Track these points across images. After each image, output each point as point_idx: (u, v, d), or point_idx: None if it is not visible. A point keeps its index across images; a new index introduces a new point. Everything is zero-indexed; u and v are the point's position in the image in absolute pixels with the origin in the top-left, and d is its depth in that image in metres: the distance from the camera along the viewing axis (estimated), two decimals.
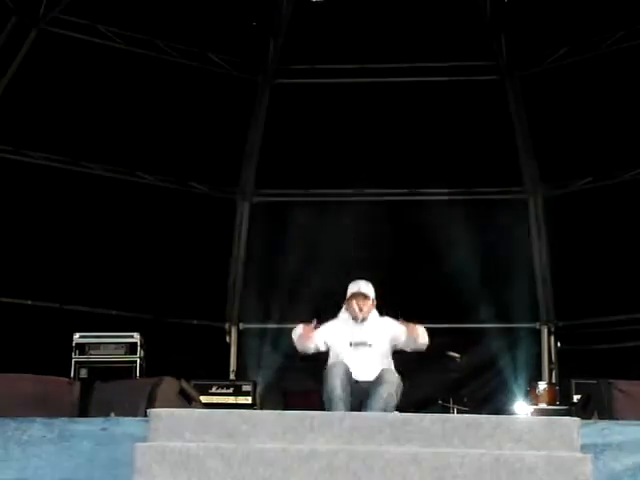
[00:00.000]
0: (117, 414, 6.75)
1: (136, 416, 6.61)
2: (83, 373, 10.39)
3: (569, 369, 12.68)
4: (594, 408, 7.44)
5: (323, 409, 7.07)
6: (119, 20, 12.51)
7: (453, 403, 11.00)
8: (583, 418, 6.91)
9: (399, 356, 12.97)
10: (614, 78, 12.42)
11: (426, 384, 12.51)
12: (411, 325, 7.63)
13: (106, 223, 12.74)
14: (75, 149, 12.61)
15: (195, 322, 13.45)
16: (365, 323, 7.68)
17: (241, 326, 13.84)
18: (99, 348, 10.67)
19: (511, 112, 13.41)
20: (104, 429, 5.57)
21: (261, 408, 11.63)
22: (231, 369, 13.55)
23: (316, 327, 7.58)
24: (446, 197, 13.79)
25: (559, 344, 13.40)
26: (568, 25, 12.53)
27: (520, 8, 12.22)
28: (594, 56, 12.54)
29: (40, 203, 12.51)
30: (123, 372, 10.38)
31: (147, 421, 5.35)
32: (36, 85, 12.18)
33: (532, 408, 10.97)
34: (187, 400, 7.81)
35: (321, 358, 12.90)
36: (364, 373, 7.41)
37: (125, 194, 13.03)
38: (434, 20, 12.44)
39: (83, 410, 7.77)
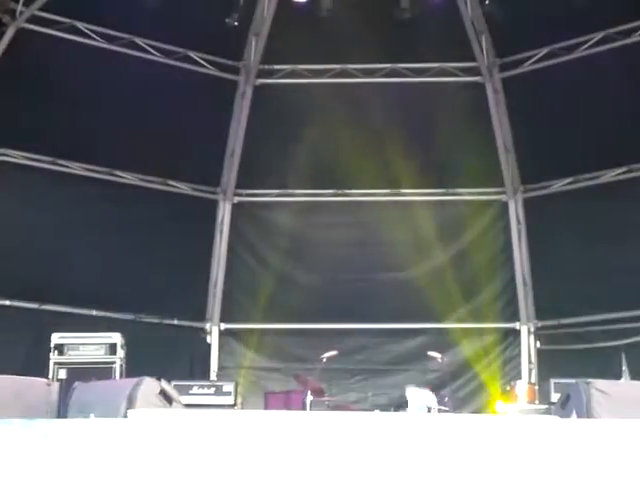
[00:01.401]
0: (97, 415, 6.72)
1: (116, 417, 6.59)
2: (62, 374, 10.30)
3: (548, 369, 12.74)
4: (573, 407, 7.48)
5: (303, 409, 7.09)
6: (99, 18, 12.44)
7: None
8: (562, 417, 6.97)
9: (385, 357, 13.14)
10: (593, 80, 12.48)
11: (407, 384, 12.52)
12: None
13: (86, 222, 12.67)
14: (54, 148, 12.53)
15: (176, 322, 13.41)
16: None
17: (222, 326, 13.81)
18: (78, 349, 10.59)
19: (492, 113, 13.46)
20: (84, 430, 5.55)
21: (242, 409, 11.62)
22: (212, 369, 13.53)
23: None
24: (427, 198, 13.84)
25: (538, 344, 13.46)
26: (548, 27, 12.59)
27: (501, 10, 12.25)
28: (574, 58, 12.61)
29: (18, 202, 12.43)
30: (103, 373, 10.30)
31: (127, 422, 5.34)
32: (13, 83, 12.09)
33: (512, 407, 11.00)
34: (167, 401, 7.77)
35: (302, 360, 13.02)
36: None
37: (104, 193, 12.97)
38: (416, 21, 12.45)
39: (62, 411, 7.74)
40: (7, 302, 12.11)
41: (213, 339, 13.76)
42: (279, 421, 5.36)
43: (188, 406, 9.70)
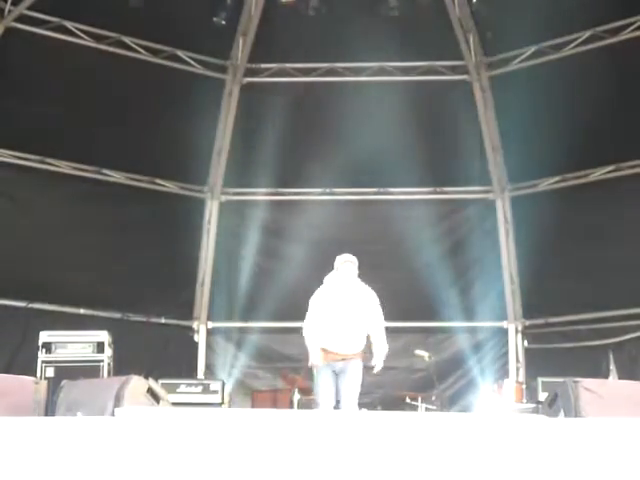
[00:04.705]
0: (84, 414, 6.71)
1: (104, 415, 6.58)
2: (50, 372, 10.29)
3: (536, 367, 12.77)
4: (560, 406, 7.51)
5: (291, 408, 7.09)
6: (87, 17, 12.42)
7: (421, 402, 11.04)
8: (549, 416, 7.00)
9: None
10: (581, 78, 12.53)
11: (394, 382, 12.54)
12: None
13: (73, 221, 12.64)
14: (41, 147, 12.49)
15: (163, 321, 13.39)
16: None
17: (209, 325, 13.80)
18: (66, 347, 10.57)
19: (479, 112, 13.49)
20: (71, 429, 5.53)
21: (229, 407, 11.62)
22: (199, 368, 13.51)
23: None
24: (414, 197, 13.86)
25: (526, 343, 13.50)
26: (536, 25, 12.62)
27: (488, 8, 12.29)
28: (562, 56, 12.66)
29: (6, 201, 12.40)
30: (90, 371, 10.27)
31: (115, 420, 5.33)
32: (1, 83, 12.05)
33: (499, 406, 11.03)
34: (155, 399, 7.77)
35: (290, 359, 13.00)
36: None
37: (92, 192, 12.93)
38: (403, 20, 12.48)
39: (50, 410, 7.72)
40: None
41: (200, 337, 13.73)
42: (267, 419, 5.36)
43: (175, 404, 9.72)
